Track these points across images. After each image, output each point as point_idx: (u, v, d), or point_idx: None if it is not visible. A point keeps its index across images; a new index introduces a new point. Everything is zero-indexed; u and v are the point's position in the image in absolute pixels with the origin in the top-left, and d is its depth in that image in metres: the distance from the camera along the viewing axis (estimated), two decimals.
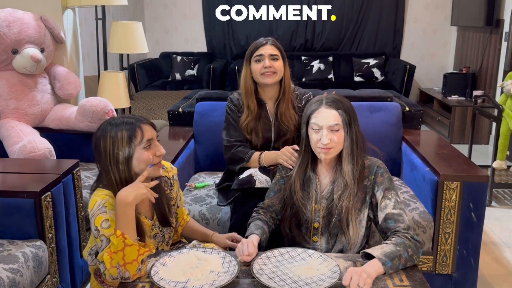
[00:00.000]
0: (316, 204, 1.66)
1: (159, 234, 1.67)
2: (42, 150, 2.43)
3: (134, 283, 1.41)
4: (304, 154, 1.68)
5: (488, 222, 3.05)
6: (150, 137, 1.52)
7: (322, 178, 1.69)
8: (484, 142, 4.89)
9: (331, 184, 1.66)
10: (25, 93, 2.72)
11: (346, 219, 1.61)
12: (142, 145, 1.50)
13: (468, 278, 2.14)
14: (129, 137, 1.49)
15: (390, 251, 1.45)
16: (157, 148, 1.55)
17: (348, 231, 1.61)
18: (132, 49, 3.35)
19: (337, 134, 1.59)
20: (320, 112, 1.60)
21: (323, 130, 1.58)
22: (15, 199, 1.84)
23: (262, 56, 2.05)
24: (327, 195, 1.65)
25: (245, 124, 2.14)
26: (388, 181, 1.63)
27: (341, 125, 1.59)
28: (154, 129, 1.57)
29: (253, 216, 1.74)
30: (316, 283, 1.37)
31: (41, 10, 2.83)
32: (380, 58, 6.02)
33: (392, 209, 1.57)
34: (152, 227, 1.64)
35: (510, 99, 3.41)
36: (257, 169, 2.02)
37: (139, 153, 1.50)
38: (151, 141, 1.53)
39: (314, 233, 1.67)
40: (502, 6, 4.73)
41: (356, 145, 1.62)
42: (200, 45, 6.53)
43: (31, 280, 1.73)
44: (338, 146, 1.61)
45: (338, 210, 1.61)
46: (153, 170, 1.54)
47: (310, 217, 1.66)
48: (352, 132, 1.61)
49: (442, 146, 2.53)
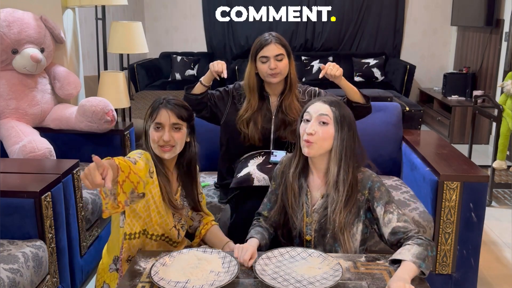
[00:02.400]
0: (307, 217, 1.64)
1: (177, 214, 1.74)
2: (42, 150, 2.43)
3: (134, 283, 1.41)
4: (298, 152, 1.66)
5: (488, 222, 3.05)
6: (160, 121, 1.65)
7: (314, 191, 1.65)
8: (484, 142, 4.89)
9: (323, 198, 1.63)
10: (25, 93, 2.72)
11: (341, 233, 1.58)
12: (153, 125, 1.67)
13: (468, 278, 2.14)
14: (149, 114, 1.69)
15: (418, 252, 1.42)
16: (164, 133, 1.65)
17: (344, 245, 1.59)
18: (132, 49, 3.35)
19: (324, 128, 1.56)
20: (314, 105, 1.61)
21: (312, 120, 1.58)
22: (15, 199, 1.84)
23: (267, 58, 2.06)
24: (319, 210, 1.63)
25: (243, 116, 2.12)
26: (386, 194, 1.59)
27: (330, 120, 1.57)
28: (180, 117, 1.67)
29: (254, 223, 1.74)
30: (319, 282, 1.37)
31: (41, 10, 2.83)
32: (380, 58, 6.02)
33: (397, 222, 1.54)
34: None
35: (510, 99, 3.42)
36: (255, 167, 2.02)
37: (151, 131, 1.68)
38: (160, 125, 1.66)
39: (307, 246, 1.65)
40: (502, 6, 4.73)
41: (347, 151, 1.58)
42: (200, 45, 6.53)
43: (31, 280, 1.73)
44: (321, 142, 1.56)
45: (331, 224, 1.59)
46: (158, 151, 1.67)
47: (302, 229, 1.65)
48: (344, 134, 1.57)
49: (442, 146, 2.53)
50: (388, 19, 6.24)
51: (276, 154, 2.06)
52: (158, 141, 1.66)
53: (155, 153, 1.69)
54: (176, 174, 1.78)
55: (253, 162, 2.07)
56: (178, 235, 1.74)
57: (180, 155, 1.76)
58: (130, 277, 1.45)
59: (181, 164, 1.77)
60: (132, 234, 1.63)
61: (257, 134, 2.10)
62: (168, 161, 1.73)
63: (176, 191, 1.76)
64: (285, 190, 1.67)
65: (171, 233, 1.71)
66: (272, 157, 2.05)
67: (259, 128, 2.11)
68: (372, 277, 1.43)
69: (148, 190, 1.62)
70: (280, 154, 2.04)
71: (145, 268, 1.49)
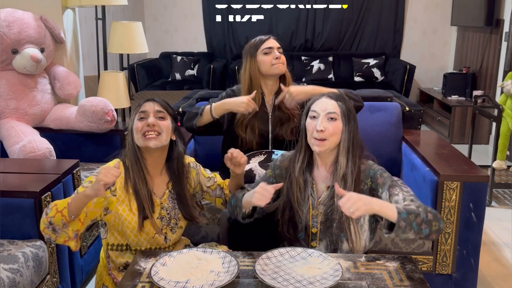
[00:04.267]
0: (313, 210, 1.65)
1: (166, 217, 1.69)
2: (42, 150, 2.43)
3: (134, 283, 1.41)
4: (303, 148, 1.67)
5: (488, 222, 3.05)
6: (144, 109, 1.64)
7: (319, 183, 1.66)
8: (484, 142, 4.89)
9: (328, 189, 1.64)
10: (25, 93, 2.72)
11: (348, 223, 1.58)
12: (137, 117, 1.64)
13: (468, 278, 2.14)
14: (134, 111, 1.67)
15: (410, 208, 1.43)
16: (149, 120, 1.62)
17: (350, 236, 1.60)
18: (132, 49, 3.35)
19: (333, 124, 1.57)
20: (320, 101, 1.61)
21: (320, 117, 1.58)
22: (15, 199, 1.84)
23: (271, 48, 2.11)
24: (325, 201, 1.64)
25: (241, 119, 2.12)
26: (389, 179, 1.60)
27: (338, 116, 1.58)
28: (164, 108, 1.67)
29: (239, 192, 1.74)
30: (319, 282, 1.37)
31: (41, 10, 2.83)
32: (380, 58, 6.02)
33: (404, 202, 1.52)
34: (161, 209, 1.68)
35: (510, 99, 3.42)
36: (256, 164, 2.03)
37: (135, 123, 1.64)
38: (145, 113, 1.64)
39: (313, 239, 1.65)
40: (502, 6, 4.73)
41: (354, 142, 1.60)
42: (200, 45, 6.53)
43: (31, 280, 1.73)
44: (332, 138, 1.58)
45: (338, 214, 1.59)
46: (142, 141, 1.62)
47: (308, 222, 1.65)
48: (351, 127, 1.60)
49: (442, 146, 2.53)
50: (388, 19, 6.24)
51: (277, 154, 2.06)
52: (142, 129, 1.61)
53: (140, 149, 1.64)
54: (168, 179, 1.73)
55: (255, 160, 2.08)
56: (166, 239, 1.70)
57: (168, 157, 1.72)
58: (130, 277, 1.44)
59: (170, 166, 1.72)
60: (116, 245, 1.65)
61: (254, 139, 2.13)
62: (154, 161, 1.67)
63: (163, 194, 1.71)
64: (290, 185, 1.67)
65: (154, 240, 1.67)
66: (273, 156, 2.05)
67: (257, 133, 2.13)
68: (372, 277, 1.43)
69: (115, 209, 1.61)
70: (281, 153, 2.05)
71: (145, 268, 1.49)
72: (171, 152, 1.72)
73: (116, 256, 1.69)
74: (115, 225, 1.64)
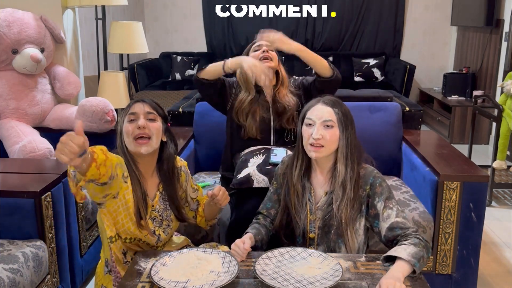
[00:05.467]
0: (311, 215, 1.64)
1: (158, 218, 1.69)
2: (42, 150, 2.43)
3: (134, 283, 1.41)
4: (300, 154, 1.67)
5: (488, 222, 3.05)
6: (134, 111, 1.61)
7: (317, 189, 1.66)
8: (484, 142, 4.89)
9: (326, 195, 1.63)
10: (25, 93, 2.72)
11: (346, 229, 1.58)
12: (126, 119, 1.62)
13: (468, 278, 2.14)
14: (124, 112, 1.64)
15: (414, 252, 1.42)
16: (140, 122, 1.59)
17: (348, 241, 1.60)
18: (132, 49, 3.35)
19: (329, 131, 1.57)
20: (315, 108, 1.60)
21: (316, 125, 1.57)
22: (15, 199, 1.84)
23: (260, 46, 2.21)
24: (322, 206, 1.63)
25: (242, 105, 2.18)
26: (387, 190, 1.60)
27: (335, 123, 1.57)
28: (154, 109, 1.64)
29: (253, 222, 1.73)
30: (319, 282, 1.37)
31: (41, 10, 2.83)
32: (380, 58, 6.02)
33: (396, 218, 1.54)
34: (152, 211, 1.67)
35: (510, 99, 3.41)
36: (255, 168, 2.03)
37: (125, 125, 1.62)
38: (135, 115, 1.61)
39: (310, 244, 1.65)
40: (502, 6, 4.73)
41: (352, 148, 1.59)
42: (200, 45, 6.53)
43: (31, 280, 1.74)
44: (329, 145, 1.57)
45: (336, 220, 1.59)
46: (133, 146, 1.59)
47: (305, 227, 1.65)
48: (348, 133, 1.59)
49: (442, 146, 2.53)
50: (388, 19, 6.23)
51: (276, 153, 2.06)
52: (132, 132, 1.59)
53: (130, 152, 1.62)
54: (158, 180, 1.71)
55: (253, 161, 2.07)
56: (158, 240, 1.69)
57: (158, 159, 1.70)
58: (130, 277, 1.44)
59: (161, 167, 1.70)
60: (112, 237, 1.61)
61: (255, 126, 2.16)
62: (145, 164, 1.66)
63: (154, 195, 1.69)
64: (288, 191, 1.67)
65: (147, 239, 1.66)
66: (272, 156, 2.05)
67: (258, 120, 2.17)
68: (372, 277, 1.43)
69: (122, 195, 1.56)
70: (280, 153, 2.05)
71: (145, 268, 1.49)
72: (162, 153, 1.70)
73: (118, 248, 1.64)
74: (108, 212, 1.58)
